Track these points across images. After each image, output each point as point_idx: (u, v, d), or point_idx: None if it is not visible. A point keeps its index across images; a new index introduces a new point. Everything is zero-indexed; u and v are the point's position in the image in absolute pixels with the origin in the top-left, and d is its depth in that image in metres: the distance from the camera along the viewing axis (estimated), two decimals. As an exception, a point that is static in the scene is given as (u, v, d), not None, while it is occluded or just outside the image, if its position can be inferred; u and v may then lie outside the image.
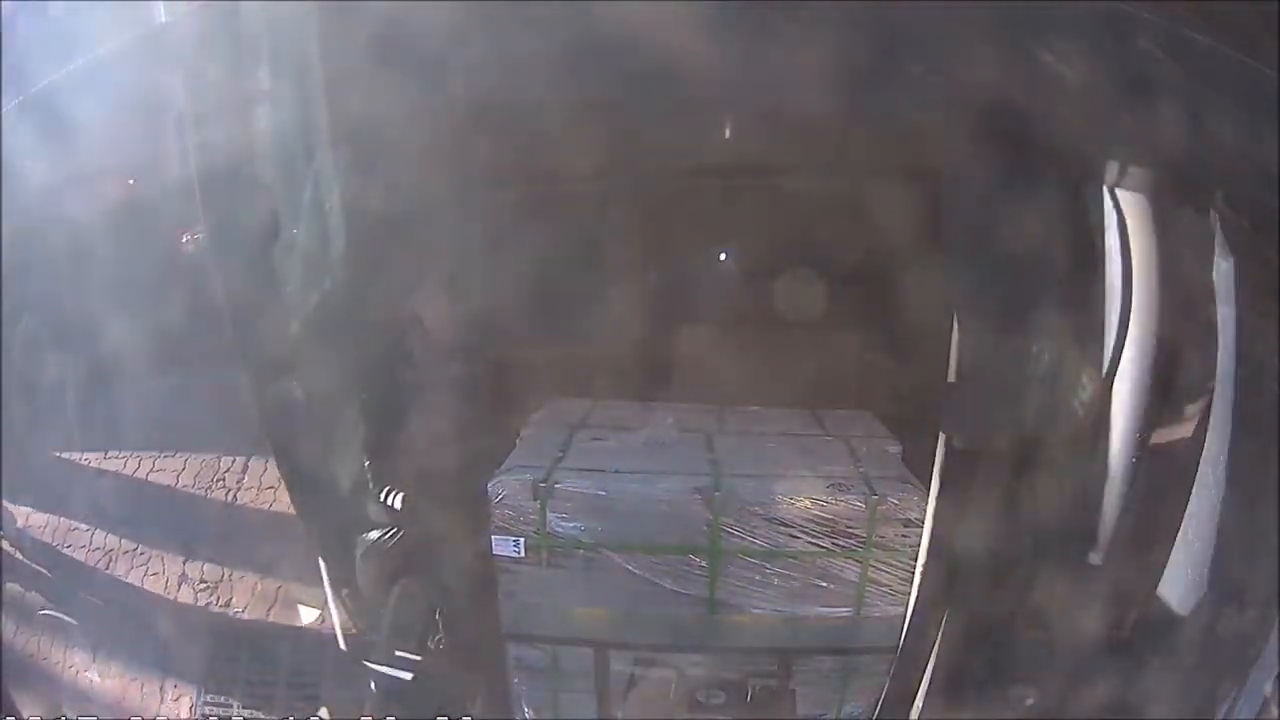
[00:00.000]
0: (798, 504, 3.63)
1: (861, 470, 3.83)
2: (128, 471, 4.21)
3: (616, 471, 3.79)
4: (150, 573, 4.12)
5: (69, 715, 3.33)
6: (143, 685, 3.96)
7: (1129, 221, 1.52)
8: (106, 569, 4.13)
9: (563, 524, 3.60)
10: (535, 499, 3.57)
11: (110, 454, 4.23)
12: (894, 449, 4.13)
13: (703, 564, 3.61)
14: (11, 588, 4.04)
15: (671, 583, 3.63)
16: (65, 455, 4.25)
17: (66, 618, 4.01)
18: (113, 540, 4.15)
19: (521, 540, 3.59)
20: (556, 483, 3.63)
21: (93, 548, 4.17)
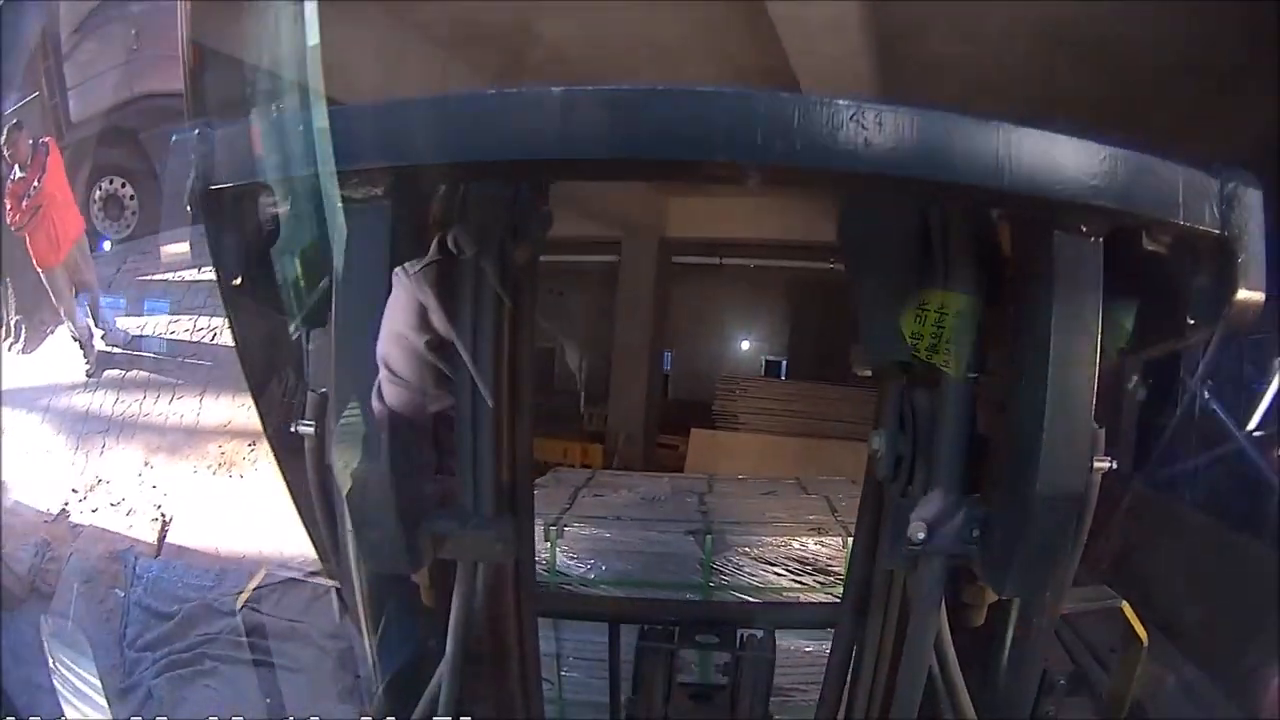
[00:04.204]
0: (781, 545, 4.04)
1: (839, 519, 4.27)
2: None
3: (618, 519, 4.21)
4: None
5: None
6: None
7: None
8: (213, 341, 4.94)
9: (570, 563, 3.99)
10: (546, 540, 3.97)
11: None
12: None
13: (697, 600, 3.98)
14: (112, 374, 4.93)
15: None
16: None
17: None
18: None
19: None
20: (566, 526, 4.04)
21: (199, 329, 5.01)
